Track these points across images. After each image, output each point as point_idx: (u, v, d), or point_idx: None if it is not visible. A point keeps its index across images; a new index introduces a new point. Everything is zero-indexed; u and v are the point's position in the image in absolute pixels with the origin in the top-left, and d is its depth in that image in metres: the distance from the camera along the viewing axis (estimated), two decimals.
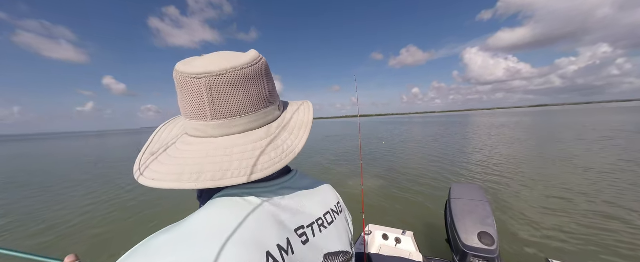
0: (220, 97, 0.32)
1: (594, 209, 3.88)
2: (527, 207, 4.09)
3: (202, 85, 0.31)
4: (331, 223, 0.40)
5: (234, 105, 0.33)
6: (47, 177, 9.29)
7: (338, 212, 0.44)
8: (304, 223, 0.34)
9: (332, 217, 0.41)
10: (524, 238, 3.13)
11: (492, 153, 9.29)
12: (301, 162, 9.65)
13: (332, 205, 0.44)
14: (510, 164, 7.34)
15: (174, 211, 5.01)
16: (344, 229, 0.43)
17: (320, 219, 0.38)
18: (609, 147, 9.15)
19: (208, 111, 0.32)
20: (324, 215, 0.40)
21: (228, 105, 0.32)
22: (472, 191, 2.25)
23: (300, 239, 0.32)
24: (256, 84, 0.34)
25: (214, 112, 0.32)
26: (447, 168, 7.28)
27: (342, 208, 0.47)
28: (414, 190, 5.32)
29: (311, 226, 0.35)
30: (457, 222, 1.91)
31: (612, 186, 4.91)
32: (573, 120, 26.35)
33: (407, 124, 39.78)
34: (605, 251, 2.79)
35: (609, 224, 3.38)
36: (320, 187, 0.45)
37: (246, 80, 0.33)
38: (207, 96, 0.31)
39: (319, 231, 0.36)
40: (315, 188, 0.43)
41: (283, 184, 0.38)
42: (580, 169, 6.32)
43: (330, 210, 0.42)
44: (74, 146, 31.76)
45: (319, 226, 0.37)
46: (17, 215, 5.05)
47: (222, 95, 0.32)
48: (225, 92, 0.31)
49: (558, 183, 5.27)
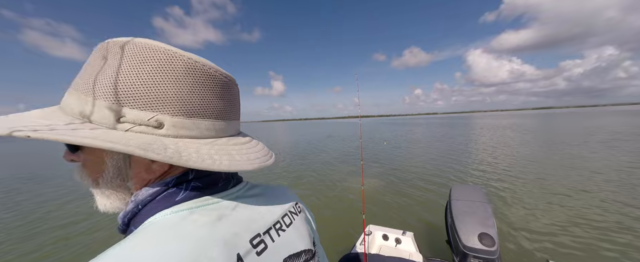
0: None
1: (595, 210, 3.86)
2: (527, 208, 4.07)
3: (237, 90, 0.40)
4: (290, 225, 0.40)
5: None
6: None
7: (297, 213, 0.44)
8: (260, 230, 0.34)
9: (290, 218, 0.41)
10: (524, 239, 3.13)
11: (494, 155, 9.26)
12: (302, 161, 9.69)
13: (290, 207, 0.44)
14: (511, 165, 7.32)
15: None
16: (305, 228, 0.43)
17: (278, 223, 0.38)
18: (613, 149, 9.09)
19: (237, 112, 0.40)
20: (282, 218, 0.40)
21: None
22: (473, 192, 2.25)
23: (255, 250, 0.31)
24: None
25: (238, 113, 0.41)
26: (448, 169, 7.26)
27: (301, 208, 0.47)
28: (414, 191, 5.32)
29: (268, 231, 0.35)
30: (458, 223, 1.91)
31: (615, 188, 4.88)
32: (577, 122, 26.09)
33: (409, 125, 39.68)
34: (605, 252, 2.78)
35: (609, 225, 3.36)
36: (276, 191, 0.46)
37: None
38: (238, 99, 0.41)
39: (277, 235, 0.36)
40: (270, 192, 0.44)
41: (235, 193, 0.37)
42: (582, 171, 6.30)
43: (289, 211, 0.42)
44: None
45: (276, 231, 0.37)
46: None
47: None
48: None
49: (559, 185, 5.25)
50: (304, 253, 0.39)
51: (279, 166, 9.04)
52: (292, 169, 8.41)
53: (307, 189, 5.83)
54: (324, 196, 5.22)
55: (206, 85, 0.32)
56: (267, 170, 8.30)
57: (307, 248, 0.40)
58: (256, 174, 7.85)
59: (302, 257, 0.38)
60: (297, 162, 9.56)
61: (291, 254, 0.36)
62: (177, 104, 0.30)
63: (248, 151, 0.36)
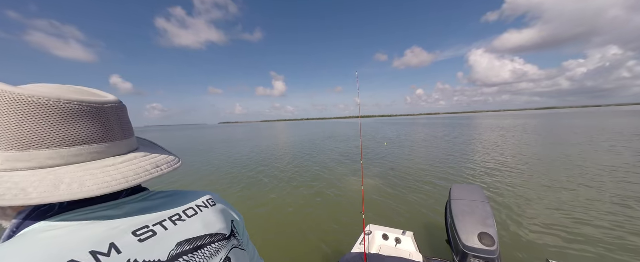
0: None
1: (596, 210, 3.86)
2: (527, 208, 4.08)
3: (112, 111, 0.38)
4: (194, 215, 0.41)
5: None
6: None
7: (207, 206, 0.45)
8: (149, 223, 0.36)
9: (195, 210, 0.43)
10: (524, 239, 3.13)
11: (495, 154, 9.28)
12: (302, 161, 9.71)
13: (198, 201, 0.45)
14: (512, 165, 7.33)
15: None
16: (216, 217, 0.44)
17: (177, 215, 0.40)
18: (615, 149, 9.08)
19: (114, 133, 0.39)
20: (184, 211, 0.41)
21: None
22: (473, 191, 2.25)
23: (137, 238, 0.33)
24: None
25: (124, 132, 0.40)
26: (449, 169, 7.27)
27: (215, 203, 0.48)
28: (414, 190, 5.32)
29: (161, 222, 0.37)
30: (458, 223, 1.92)
31: (616, 188, 4.89)
32: (580, 122, 25.94)
33: (410, 125, 39.60)
34: (605, 252, 2.78)
35: (609, 225, 3.36)
36: (186, 194, 0.47)
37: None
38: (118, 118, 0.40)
39: (173, 224, 0.38)
40: (177, 196, 0.45)
41: (125, 201, 0.39)
42: (583, 171, 6.31)
43: (195, 205, 0.44)
44: None
45: (172, 221, 0.38)
46: None
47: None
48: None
49: (560, 184, 5.26)
50: (209, 236, 0.40)
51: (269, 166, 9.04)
52: (292, 169, 8.41)
53: (307, 189, 5.83)
54: (324, 196, 5.23)
55: (41, 117, 0.31)
56: (267, 171, 8.31)
57: (214, 233, 0.41)
58: (253, 178, 7.85)
59: (205, 239, 0.39)
60: (297, 162, 9.56)
61: (188, 238, 0.37)
62: (6, 139, 0.30)
63: (125, 168, 0.37)
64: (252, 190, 6.00)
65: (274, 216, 4.30)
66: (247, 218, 4.20)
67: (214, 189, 6.22)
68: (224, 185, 6.69)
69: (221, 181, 7.22)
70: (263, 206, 4.80)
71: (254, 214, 4.44)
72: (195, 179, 7.61)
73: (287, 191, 5.73)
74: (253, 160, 10.69)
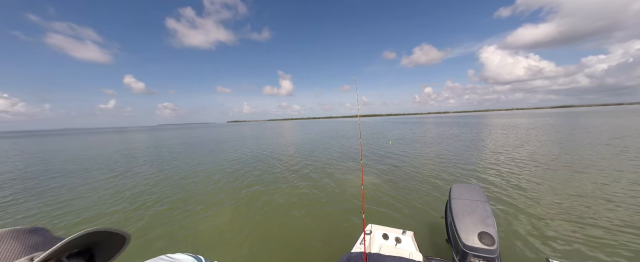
0: None
1: (597, 210, 3.85)
2: (527, 208, 4.06)
3: None
4: None
5: None
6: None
7: None
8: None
9: None
10: (524, 238, 3.13)
11: (497, 154, 9.28)
12: (303, 160, 9.73)
13: None
14: (512, 165, 7.32)
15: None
16: None
17: None
18: (626, 150, 8.93)
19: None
20: None
21: None
22: (473, 191, 2.23)
23: None
24: None
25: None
26: (450, 168, 7.26)
27: None
28: (414, 190, 5.33)
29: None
30: (458, 222, 1.91)
31: (617, 188, 4.87)
32: (595, 122, 24.82)
33: (418, 124, 39.04)
34: (605, 252, 2.77)
35: (609, 225, 3.35)
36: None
37: None
38: None
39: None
40: None
41: None
42: (584, 171, 6.29)
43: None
44: (113, 140, 27.75)
45: None
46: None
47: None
48: None
49: (561, 184, 5.24)
50: None
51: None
52: (292, 168, 8.43)
53: (307, 189, 5.85)
54: (324, 196, 5.24)
55: None
56: (268, 171, 8.39)
57: None
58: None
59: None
60: (297, 162, 9.58)
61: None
62: None
63: None
64: (252, 190, 6.03)
65: (274, 216, 4.32)
66: (249, 218, 4.26)
67: (213, 189, 6.23)
68: (227, 184, 6.68)
69: (224, 180, 7.22)
70: (263, 206, 4.83)
71: (255, 214, 4.46)
72: (197, 180, 7.57)
73: (288, 191, 5.76)
74: (257, 158, 10.72)
